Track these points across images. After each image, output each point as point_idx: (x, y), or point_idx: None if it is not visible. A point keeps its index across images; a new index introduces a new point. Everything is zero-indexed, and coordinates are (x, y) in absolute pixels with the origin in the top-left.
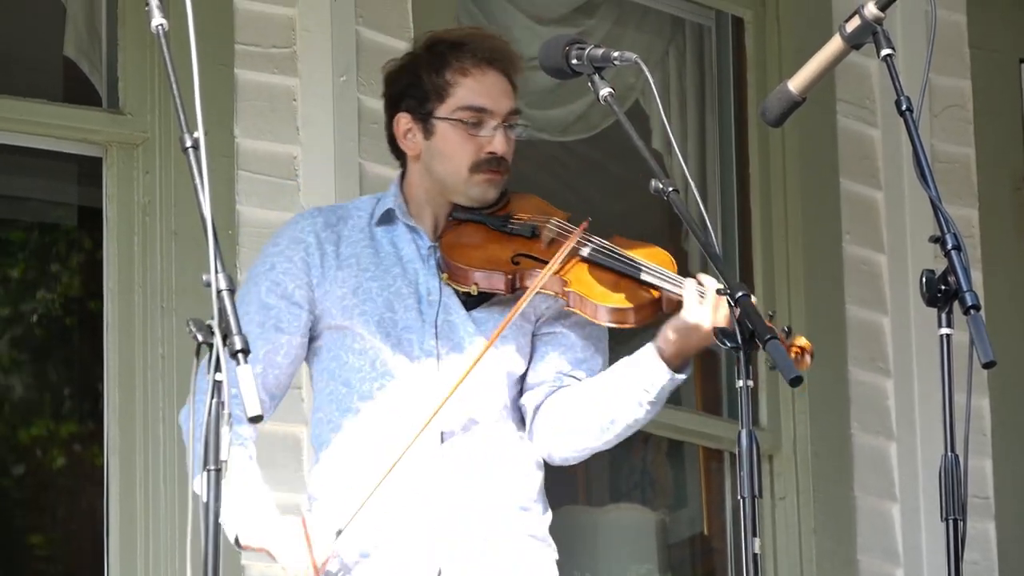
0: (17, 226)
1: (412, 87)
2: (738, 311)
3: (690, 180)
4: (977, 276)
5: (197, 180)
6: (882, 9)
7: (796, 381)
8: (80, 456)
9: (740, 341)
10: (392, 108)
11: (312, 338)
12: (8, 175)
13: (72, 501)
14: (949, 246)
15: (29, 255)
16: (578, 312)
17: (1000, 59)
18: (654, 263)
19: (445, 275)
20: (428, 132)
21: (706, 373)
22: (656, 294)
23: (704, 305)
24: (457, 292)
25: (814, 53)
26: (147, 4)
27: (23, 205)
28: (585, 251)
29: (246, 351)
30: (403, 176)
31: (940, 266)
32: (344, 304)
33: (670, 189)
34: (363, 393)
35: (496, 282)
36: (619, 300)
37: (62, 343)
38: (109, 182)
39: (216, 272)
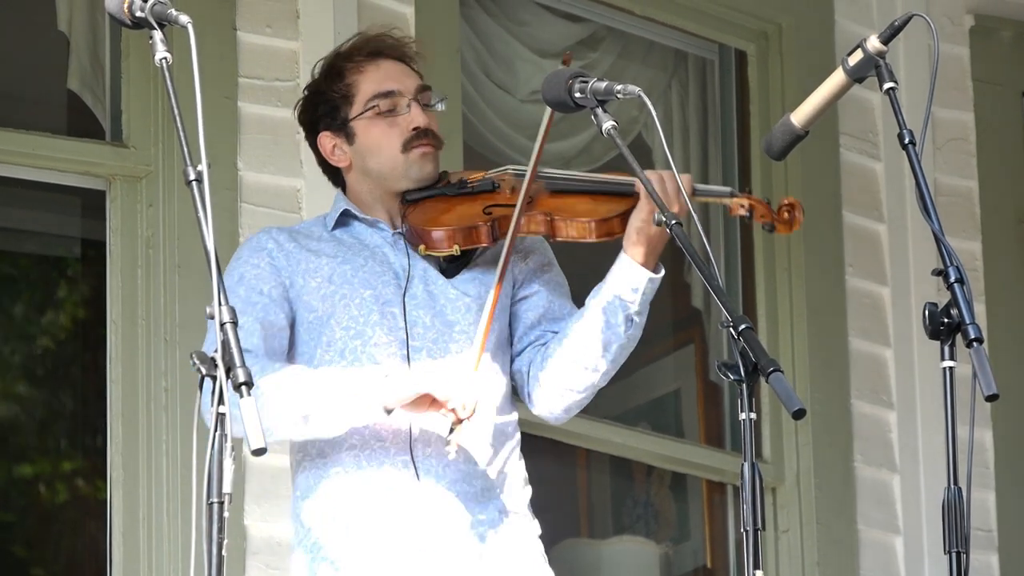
0: (20, 259)
1: (320, 105)
2: (741, 343)
3: (692, 213)
4: (980, 309)
5: (201, 213)
6: (885, 43)
7: (799, 413)
8: (83, 490)
9: (743, 374)
10: (311, 136)
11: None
12: (12, 208)
13: (75, 535)
14: (952, 279)
15: (32, 288)
16: (567, 238)
17: (1003, 92)
18: (619, 176)
19: (423, 246)
20: (350, 137)
21: (709, 406)
22: (632, 200)
23: (668, 187)
24: (435, 263)
25: (817, 87)
26: (151, 37)
27: (27, 238)
28: (553, 183)
29: (249, 383)
30: (344, 192)
31: (943, 299)
32: (322, 293)
33: (673, 222)
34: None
35: (477, 235)
36: (603, 212)
37: (65, 376)
38: (113, 215)
39: (219, 305)
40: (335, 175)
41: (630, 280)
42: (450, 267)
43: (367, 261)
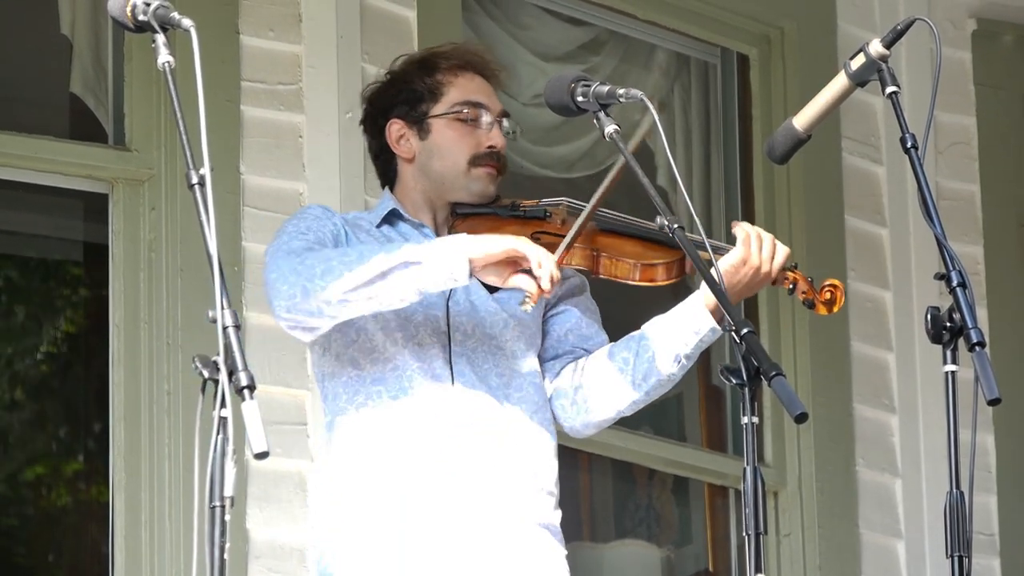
0: (23, 262)
1: (403, 93)
2: (743, 347)
3: (695, 217)
4: (982, 313)
5: (203, 216)
6: (887, 47)
7: (802, 417)
8: (85, 493)
9: (745, 377)
10: (381, 119)
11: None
12: (14, 211)
13: (77, 539)
14: (954, 283)
15: (35, 291)
16: (609, 276)
17: (1005, 96)
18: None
19: None
20: (424, 132)
21: (711, 410)
22: (680, 252)
23: (764, 249)
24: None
25: (819, 91)
26: (154, 41)
27: (29, 241)
28: (605, 222)
29: (252, 387)
30: (393, 186)
31: (945, 303)
32: None
33: (675, 226)
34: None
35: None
36: (649, 258)
37: (67, 380)
38: (115, 218)
39: (222, 308)
40: (385, 166)
41: (693, 323)
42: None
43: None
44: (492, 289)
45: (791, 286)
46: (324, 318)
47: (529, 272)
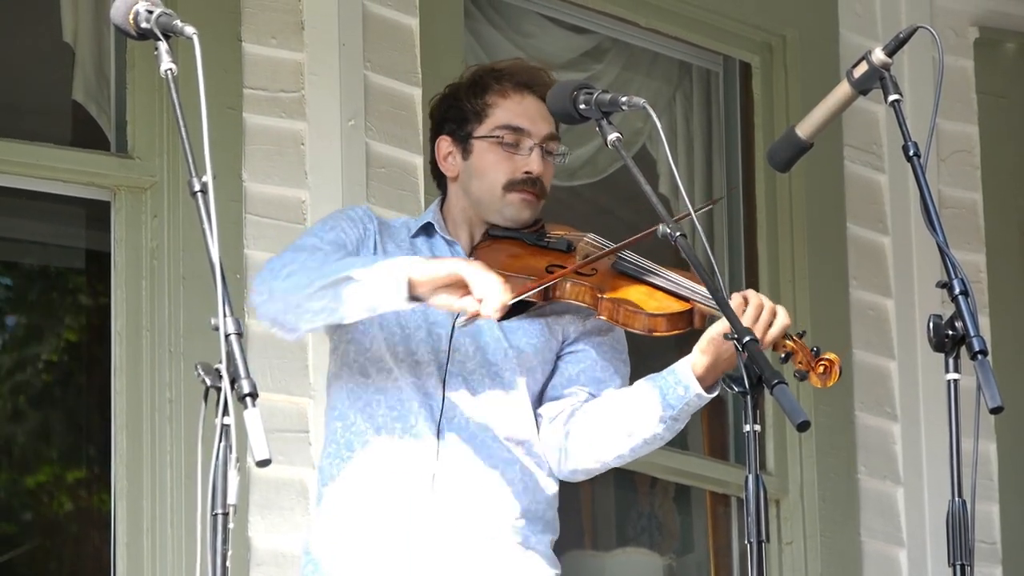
0: (24, 270)
1: (452, 110)
2: (745, 356)
3: (697, 225)
4: (984, 321)
5: (205, 224)
6: (889, 55)
7: (804, 426)
8: (87, 501)
9: (747, 386)
10: (435, 134)
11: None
12: (16, 219)
13: (79, 546)
14: (956, 291)
15: (36, 299)
16: (609, 320)
17: (1007, 104)
18: (690, 281)
19: None
20: (466, 152)
21: (713, 418)
22: (689, 305)
23: (759, 320)
24: None
25: (821, 98)
26: (156, 48)
27: (31, 249)
28: (621, 265)
29: (254, 395)
30: (443, 200)
31: (947, 311)
32: None
33: (677, 234)
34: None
35: (529, 290)
36: (652, 307)
37: (69, 387)
38: (117, 226)
39: (224, 316)
40: (441, 179)
41: (679, 387)
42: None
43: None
44: (502, 316)
45: (784, 355)
46: (287, 323)
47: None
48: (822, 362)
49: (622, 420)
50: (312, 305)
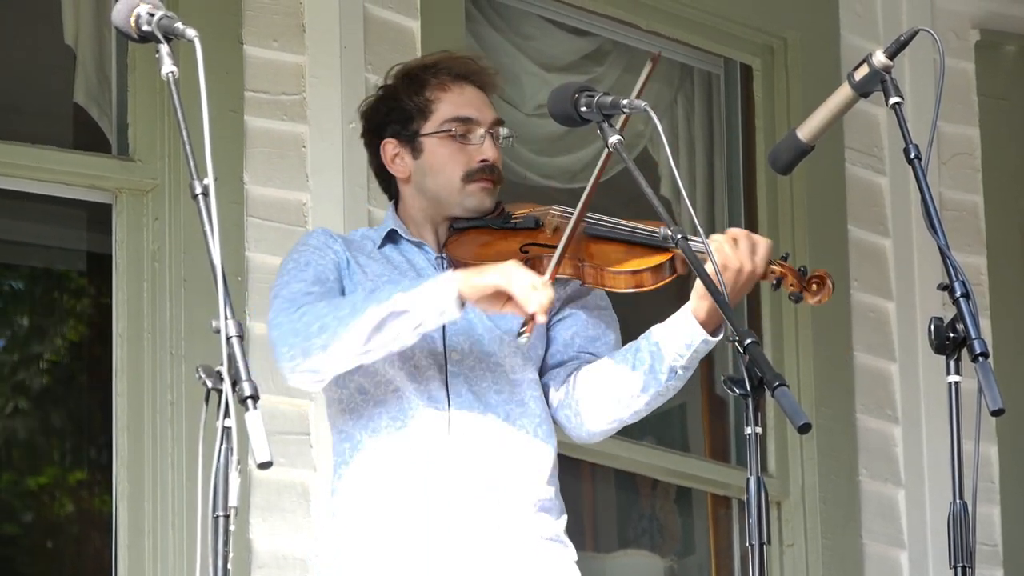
0: (26, 272)
1: (394, 112)
2: (746, 358)
3: (699, 227)
4: (985, 323)
5: (207, 227)
6: (890, 57)
7: (805, 428)
8: (88, 503)
9: (748, 388)
10: (376, 138)
11: None
12: (18, 221)
13: (80, 548)
14: (958, 293)
15: (37, 301)
16: (595, 285)
17: (1008, 107)
18: (663, 228)
19: None
20: (416, 151)
21: (714, 420)
22: (668, 254)
23: (740, 248)
24: None
25: (823, 101)
26: (157, 51)
27: (32, 251)
28: (592, 228)
29: (255, 397)
30: (396, 204)
31: (948, 313)
32: None
33: (679, 236)
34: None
35: None
36: (634, 264)
37: (70, 389)
38: (119, 229)
39: (226, 318)
40: (387, 184)
41: (685, 335)
42: None
43: (413, 283)
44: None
45: (775, 280)
46: (326, 373)
47: None
48: (813, 280)
49: (632, 377)
50: (358, 350)
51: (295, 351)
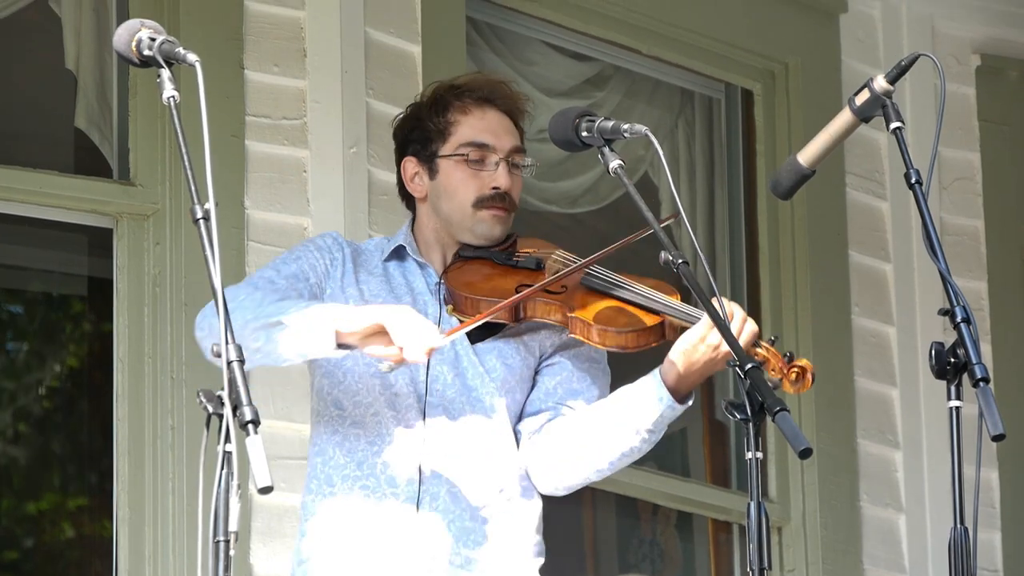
0: (27, 297)
1: (416, 131)
2: (747, 383)
3: (699, 252)
4: (986, 348)
5: (208, 251)
6: (891, 82)
7: (806, 453)
8: (89, 528)
9: (749, 413)
10: (399, 155)
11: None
12: (19, 246)
13: (81, 573)
14: (958, 318)
15: (38, 326)
16: (581, 338)
17: (1009, 132)
18: (659, 293)
19: (450, 307)
20: (433, 172)
21: (715, 445)
22: (659, 319)
23: (732, 327)
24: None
25: (823, 126)
26: (159, 76)
27: (33, 276)
28: (589, 280)
29: (256, 422)
30: (413, 220)
31: (949, 338)
32: None
33: (679, 261)
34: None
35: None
36: (622, 323)
37: (71, 414)
38: (119, 253)
39: (226, 343)
40: (409, 200)
41: (651, 399)
42: (476, 331)
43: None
44: (475, 338)
45: (760, 362)
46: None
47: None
48: (794, 368)
49: (598, 435)
50: (249, 344)
51: (204, 323)
